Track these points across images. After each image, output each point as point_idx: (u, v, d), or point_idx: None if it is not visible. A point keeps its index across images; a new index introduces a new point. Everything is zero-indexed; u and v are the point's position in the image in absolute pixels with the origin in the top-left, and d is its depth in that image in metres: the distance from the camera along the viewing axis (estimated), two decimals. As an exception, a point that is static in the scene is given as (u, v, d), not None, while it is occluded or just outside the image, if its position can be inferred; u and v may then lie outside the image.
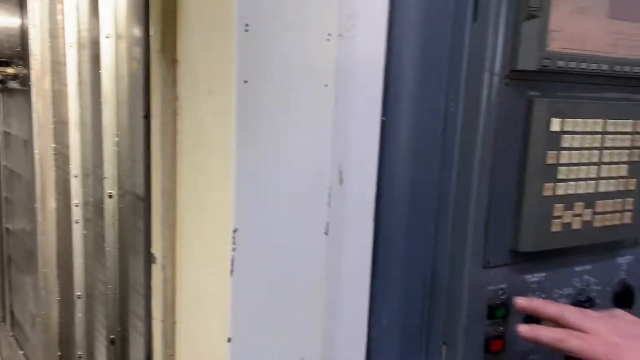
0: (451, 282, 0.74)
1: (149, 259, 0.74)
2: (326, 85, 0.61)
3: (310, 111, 0.60)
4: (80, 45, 1.25)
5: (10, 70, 1.64)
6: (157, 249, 0.72)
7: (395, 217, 0.74)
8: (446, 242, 0.74)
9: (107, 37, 1.06)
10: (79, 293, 1.36)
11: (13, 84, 1.74)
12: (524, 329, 0.70)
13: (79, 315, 1.36)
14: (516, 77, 0.69)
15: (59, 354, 1.49)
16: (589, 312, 0.72)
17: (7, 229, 2.09)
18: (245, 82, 0.55)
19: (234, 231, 0.57)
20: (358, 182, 0.68)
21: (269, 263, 0.59)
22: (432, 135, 0.74)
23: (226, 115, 0.56)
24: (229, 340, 0.58)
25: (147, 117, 0.79)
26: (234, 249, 0.57)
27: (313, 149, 0.60)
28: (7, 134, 2.03)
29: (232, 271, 0.57)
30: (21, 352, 2.13)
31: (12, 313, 2.30)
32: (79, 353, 1.37)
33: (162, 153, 0.71)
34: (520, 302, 0.72)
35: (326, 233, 0.63)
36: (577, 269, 0.82)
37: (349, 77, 0.64)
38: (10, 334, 2.27)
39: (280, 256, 0.60)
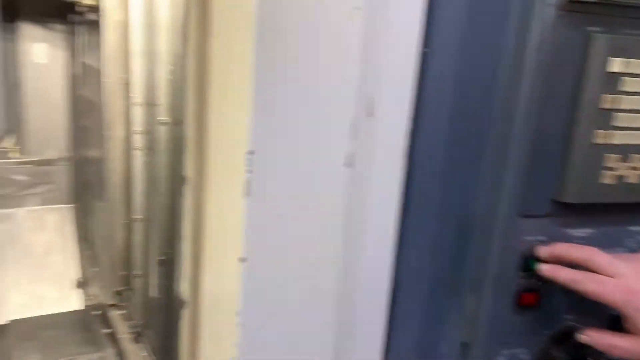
0: (485, 228, 0.71)
1: (183, 181, 0.76)
2: (356, 8, 0.57)
3: (336, 35, 0.57)
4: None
5: (86, 1, 1.69)
6: (189, 170, 0.74)
7: (430, 156, 0.70)
8: (484, 185, 0.70)
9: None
10: (138, 217, 1.44)
11: (91, 16, 1.81)
12: (544, 267, 0.67)
13: (137, 238, 1.44)
14: (573, 8, 0.62)
15: (121, 273, 1.60)
16: (622, 256, 0.67)
17: (84, 157, 2.22)
18: (267, -2, 0.53)
19: (250, 153, 0.56)
20: (390, 115, 0.65)
21: (284, 188, 0.59)
22: (478, 70, 0.69)
23: (247, 31, 0.55)
24: (242, 260, 0.59)
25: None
26: (249, 171, 0.57)
27: (337, 75, 0.58)
28: (86, 65, 2.13)
29: (247, 193, 0.57)
30: (95, 269, 2.31)
31: (87, 234, 2.48)
32: (136, 272, 1.46)
33: (197, 76, 0.71)
34: (542, 250, 0.68)
35: (348, 165, 0.62)
36: (632, 228, 0.76)
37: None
38: (88, 252, 2.46)
39: (296, 181, 0.59)
